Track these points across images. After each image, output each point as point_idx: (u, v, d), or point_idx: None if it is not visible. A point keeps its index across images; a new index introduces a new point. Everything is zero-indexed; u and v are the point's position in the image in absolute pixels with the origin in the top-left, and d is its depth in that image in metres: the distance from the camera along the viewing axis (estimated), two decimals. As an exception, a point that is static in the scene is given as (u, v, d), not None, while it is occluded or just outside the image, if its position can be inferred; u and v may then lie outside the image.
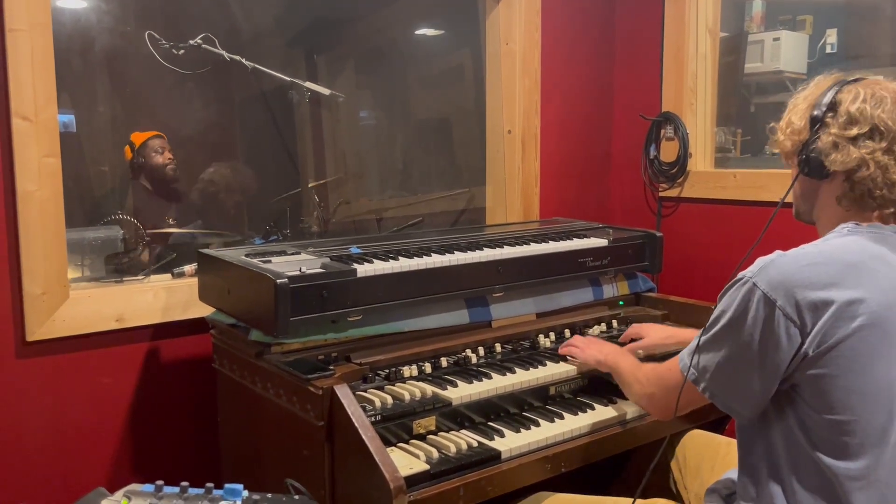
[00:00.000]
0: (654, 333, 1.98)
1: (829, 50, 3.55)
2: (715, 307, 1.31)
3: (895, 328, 1.21)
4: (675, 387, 1.38)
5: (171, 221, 2.97)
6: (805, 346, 1.20)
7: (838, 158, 1.27)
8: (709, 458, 1.76)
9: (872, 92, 1.28)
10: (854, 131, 1.27)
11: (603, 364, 1.75)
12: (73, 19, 2.63)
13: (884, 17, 3.48)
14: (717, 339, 1.29)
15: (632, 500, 1.51)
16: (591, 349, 1.82)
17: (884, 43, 3.50)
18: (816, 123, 1.31)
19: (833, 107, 1.30)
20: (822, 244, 1.28)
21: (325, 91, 2.86)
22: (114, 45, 2.80)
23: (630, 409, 1.75)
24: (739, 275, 1.27)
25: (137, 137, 2.99)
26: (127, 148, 2.98)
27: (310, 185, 3.12)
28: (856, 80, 1.32)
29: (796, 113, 1.36)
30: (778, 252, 1.26)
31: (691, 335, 1.92)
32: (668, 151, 2.83)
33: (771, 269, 1.23)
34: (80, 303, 1.89)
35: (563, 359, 1.90)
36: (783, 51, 3.32)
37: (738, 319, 1.24)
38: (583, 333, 2.09)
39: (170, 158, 3.01)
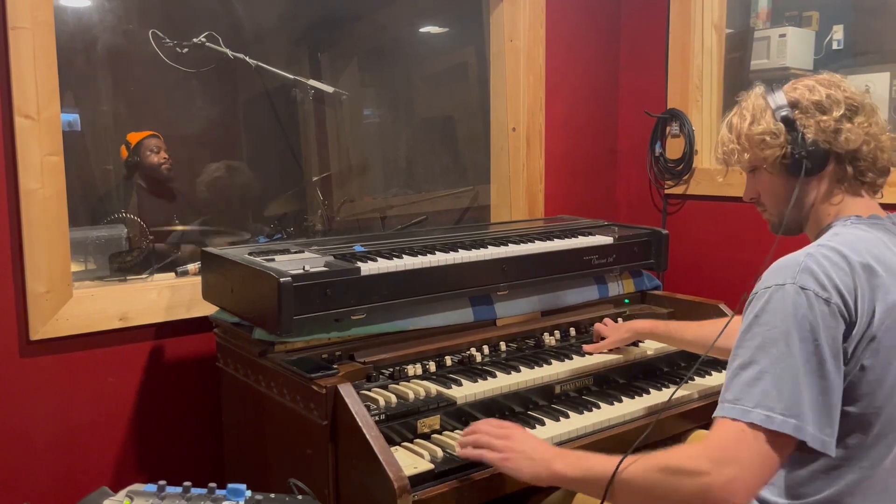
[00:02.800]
0: (615, 333, 1.94)
1: (835, 46, 3.51)
2: (745, 333, 1.16)
3: None
4: (754, 450, 1.09)
5: (175, 220, 2.97)
6: (847, 343, 1.15)
7: (850, 137, 1.26)
8: None
9: (818, 83, 1.30)
10: (837, 113, 1.26)
11: (556, 477, 1.29)
12: (77, 18, 2.63)
13: (891, 13, 3.45)
14: (780, 359, 1.11)
15: None
16: (515, 454, 1.34)
17: (891, 39, 3.47)
18: (791, 122, 1.28)
19: (795, 105, 1.29)
20: (841, 238, 1.23)
21: (329, 89, 2.85)
22: (118, 43, 2.80)
23: (636, 409, 1.74)
24: (772, 285, 1.16)
25: (133, 137, 2.99)
26: (123, 147, 2.98)
27: (313, 179, 3.12)
28: (779, 85, 1.33)
29: (759, 125, 1.31)
30: (803, 253, 1.19)
31: (658, 327, 1.90)
32: (674, 148, 2.81)
33: (811, 267, 1.15)
34: (84, 302, 1.89)
35: (569, 357, 1.89)
36: (789, 47, 3.30)
37: (800, 328, 1.12)
38: (587, 331, 2.08)
39: (165, 158, 3.00)
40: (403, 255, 1.82)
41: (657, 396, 1.82)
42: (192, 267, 2.14)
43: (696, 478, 1.10)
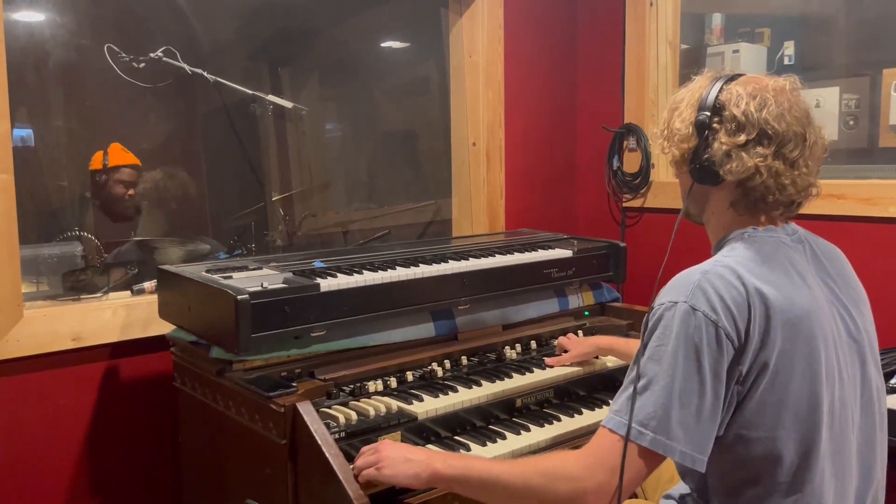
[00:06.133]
0: (578, 348, 1.95)
1: (787, 61, 3.61)
2: (640, 349, 1.20)
3: (818, 336, 1.19)
4: (626, 460, 1.14)
5: (132, 235, 2.91)
6: (740, 365, 1.16)
7: (733, 168, 1.24)
8: (668, 470, 1.76)
9: (754, 93, 1.25)
10: (742, 138, 1.23)
11: (436, 477, 1.30)
12: (29, 33, 2.58)
13: (838, 30, 3.57)
14: (662, 376, 1.15)
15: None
16: (389, 460, 1.34)
17: (839, 54, 3.58)
18: (704, 129, 1.26)
19: (718, 110, 1.26)
20: (738, 256, 1.24)
21: (288, 104, 2.84)
22: (72, 58, 2.75)
23: (596, 420, 1.76)
24: (665, 301, 1.19)
25: (115, 156, 2.86)
26: (98, 155, 2.87)
27: (273, 199, 3.09)
28: (733, 79, 1.29)
29: (681, 118, 1.31)
30: (699, 270, 1.21)
31: (619, 344, 1.93)
32: (631, 162, 2.86)
33: (705, 286, 1.17)
34: (35, 322, 1.84)
35: (530, 370, 1.90)
36: (743, 62, 3.38)
37: (685, 347, 1.14)
38: (548, 344, 2.10)
39: (130, 195, 2.90)
40: (364, 271, 1.82)
41: (617, 408, 1.83)
42: (149, 285, 2.10)
43: (570, 483, 1.16)
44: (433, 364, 1.86)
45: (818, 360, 1.19)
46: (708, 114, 1.26)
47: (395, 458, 1.33)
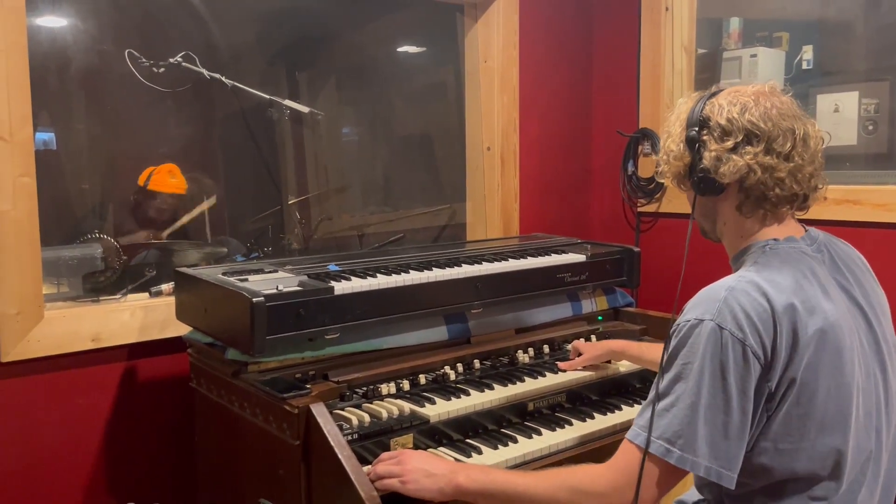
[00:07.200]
0: (591, 351, 1.95)
1: (805, 66, 3.59)
2: (666, 366, 1.23)
3: (842, 347, 1.20)
4: (652, 476, 1.19)
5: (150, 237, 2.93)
6: (769, 382, 1.18)
7: (727, 171, 1.28)
8: None
9: (734, 100, 1.31)
10: (730, 142, 1.28)
11: (459, 491, 1.33)
12: (51, 38, 2.62)
13: (857, 35, 3.54)
14: (687, 394, 1.17)
15: None
16: (413, 474, 1.36)
17: (857, 59, 3.56)
18: (694, 144, 1.32)
19: (704, 123, 1.32)
20: (762, 272, 1.25)
21: (304, 109, 2.87)
22: (94, 63, 2.80)
23: (608, 425, 1.76)
24: (691, 318, 1.21)
25: (158, 181, 2.82)
26: (147, 172, 2.87)
27: (290, 203, 3.12)
28: (715, 94, 1.35)
29: (672, 139, 1.38)
30: (724, 286, 1.22)
31: (631, 348, 1.93)
32: (646, 167, 2.85)
33: (731, 304, 1.18)
34: (56, 323, 1.88)
35: (542, 374, 1.90)
36: (760, 67, 3.37)
37: (711, 365, 1.16)
38: (560, 348, 2.10)
39: (164, 220, 2.90)
40: (378, 274, 1.83)
41: (629, 413, 1.84)
42: (166, 287, 2.13)
43: (597, 499, 1.22)
44: (446, 367, 1.87)
45: (844, 371, 1.20)
46: (696, 129, 1.32)
47: (418, 472, 1.36)
